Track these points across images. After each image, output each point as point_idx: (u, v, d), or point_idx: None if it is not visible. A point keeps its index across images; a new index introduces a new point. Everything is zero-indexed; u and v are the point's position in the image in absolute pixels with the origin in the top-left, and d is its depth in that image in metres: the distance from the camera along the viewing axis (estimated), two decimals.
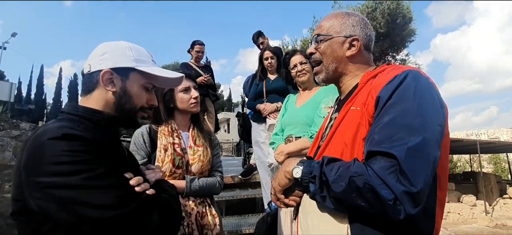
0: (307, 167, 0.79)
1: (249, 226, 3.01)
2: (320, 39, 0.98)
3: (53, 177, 0.66)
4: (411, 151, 0.66)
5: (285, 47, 15.34)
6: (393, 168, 0.66)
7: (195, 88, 1.50)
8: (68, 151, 0.68)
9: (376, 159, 0.69)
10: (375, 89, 0.79)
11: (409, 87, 0.74)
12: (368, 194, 0.66)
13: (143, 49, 0.92)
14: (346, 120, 0.84)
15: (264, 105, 2.97)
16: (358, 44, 0.94)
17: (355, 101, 0.84)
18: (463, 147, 12.94)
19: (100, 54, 0.85)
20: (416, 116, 0.70)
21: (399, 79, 0.76)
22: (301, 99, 2.05)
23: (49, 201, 0.66)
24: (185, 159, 1.40)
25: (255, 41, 3.80)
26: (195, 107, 1.49)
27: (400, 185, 0.64)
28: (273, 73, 3.12)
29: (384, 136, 0.70)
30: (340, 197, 0.70)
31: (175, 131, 1.44)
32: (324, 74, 0.99)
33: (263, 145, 3.09)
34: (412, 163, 0.66)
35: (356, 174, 0.68)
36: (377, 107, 0.76)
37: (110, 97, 0.84)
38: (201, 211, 1.38)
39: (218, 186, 1.48)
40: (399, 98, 0.73)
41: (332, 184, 0.70)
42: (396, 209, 0.64)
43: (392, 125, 0.70)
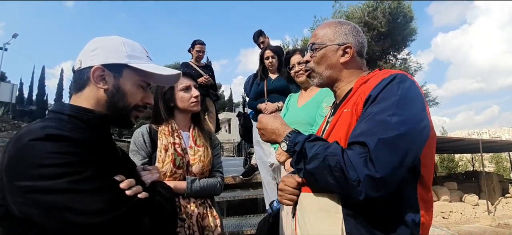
0: (292, 141, 0.88)
1: (251, 227, 2.99)
2: (315, 47, 1.04)
3: (36, 181, 0.62)
4: (381, 142, 0.74)
5: (286, 47, 15.32)
6: (363, 154, 0.74)
7: (195, 87, 1.49)
8: (52, 152, 0.64)
9: (353, 147, 0.77)
10: (365, 91, 0.86)
11: (393, 88, 0.82)
12: (338, 173, 0.75)
13: (137, 44, 0.88)
14: (339, 122, 0.90)
15: (265, 104, 2.96)
16: (351, 51, 1.01)
17: (348, 104, 0.91)
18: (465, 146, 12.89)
19: (91, 50, 0.81)
20: (394, 114, 0.77)
21: (386, 81, 0.84)
22: (303, 99, 2.04)
23: (32, 207, 0.63)
24: (185, 159, 1.39)
25: (255, 40, 3.78)
26: (196, 106, 1.47)
27: (366, 169, 0.72)
28: (274, 73, 3.11)
29: (363, 130, 0.78)
30: (314, 172, 0.79)
31: (176, 131, 1.42)
32: (317, 79, 1.05)
33: (264, 145, 3.08)
34: (380, 152, 0.73)
35: (331, 154, 0.77)
36: (365, 106, 0.83)
37: (101, 95, 0.81)
38: (202, 213, 1.36)
39: (218, 186, 1.46)
40: (382, 97, 0.81)
41: (309, 159, 0.80)
42: (358, 190, 0.73)
43: (371, 120, 0.78)
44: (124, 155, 0.93)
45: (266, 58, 3.08)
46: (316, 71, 1.04)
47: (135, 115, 0.87)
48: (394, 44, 14.20)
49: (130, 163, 0.95)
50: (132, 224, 0.70)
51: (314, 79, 1.06)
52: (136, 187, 0.78)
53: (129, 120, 0.87)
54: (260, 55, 3.21)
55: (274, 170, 2.50)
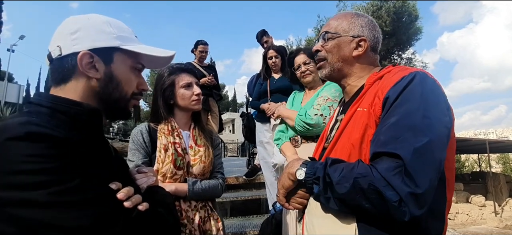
0: (310, 168, 0.79)
1: (254, 228, 2.97)
2: (327, 37, 0.98)
3: (11, 191, 0.50)
4: (417, 152, 0.67)
5: (290, 47, 15.28)
6: (398, 169, 0.66)
7: (197, 85, 1.43)
8: (33, 155, 0.52)
9: (381, 160, 0.69)
10: (381, 90, 0.79)
11: (416, 89, 0.75)
12: (373, 195, 0.67)
13: (122, 23, 0.76)
14: (353, 121, 0.84)
15: (268, 104, 2.94)
16: (365, 44, 0.95)
17: (362, 102, 0.85)
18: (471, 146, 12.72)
19: (71, 33, 0.68)
20: (422, 117, 0.70)
21: (406, 80, 0.77)
22: (307, 97, 2.03)
23: (6, 223, 0.50)
24: (186, 160, 1.34)
25: (259, 40, 3.77)
26: (197, 104, 1.41)
27: (405, 186, 0.64)
28: (277, 72, 3.09)
29: (390, 137, 0.70)
30: (344, 198, 0.71)
31: (176, 130, 1.37)
32: (328, 69, 0.99)
33: (268, 145, 3.06)
34: (418, 164, 0.66)
35: (360, 175, 0.69)
36: (384, 108, 0.76)
37: (93, 85, 0.69)
38: (203, 216, 1.32)
39: (220, 188, 1.41)
40: (405, 99, 0.74)
41: (336, 185, 0.71)
42: (401, 211, 0.65)
43: (397, 126, 0.71)
44: (118, 156, 0.82)
45: (269, 58, 3.06)
46: (328, 61, 0.98)
47: (133, 104, 0.78)
48: (398, 43, 14.09)
49: (125, 165, 0.85)
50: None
51: (324, 69, 1.00)
52: (135, 197, 0.66)
53: (128, 111, 0.77)
54: (264, 55, 3.20)
55: (277, 170, 2.48)
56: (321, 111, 1.74)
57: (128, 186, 0.67)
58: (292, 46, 15.70)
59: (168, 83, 1.38)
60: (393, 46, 14.00)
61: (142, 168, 0.89)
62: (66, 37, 0.68)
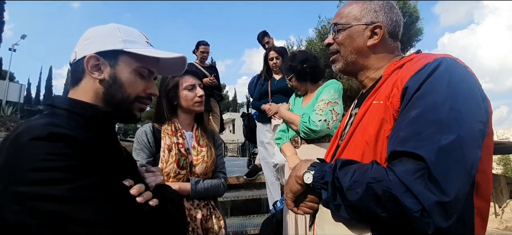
0: (318, 171, 0.70)
1: (254, 227, 3.00)
2: (337, 28, 0.89)
3: (36, 187, 0.54)
4: (443, 152, 0.56)
5: (290, 47, 15.28)
6: (420, 172, 0.56)
7: (200, 87, 1.46)
8: (54, 154, 0.56)
9: (400, 161, 0.59)
10: (401, 79, 0.69)
11: (442, 77, 0.64)
12: (389, 203, 0.57)
13: (134, 29, 0.80)
14: (368, 116, 0.74)
15: (269, 105, 2.96)
16: (381, 31, 0.84)
17: (378, 94, 0.75)
18: None
19: (85, 39, 0.74)
20: (450, 110, 0.59)
21: (430, 67, 0.66)
22: (307, 99, 2.04)
23: (30, 216, 0.54)
24: (188, 160, 1.37)
25: (260, 41, 3.80)
26: (200, 106, 1.45)
27: (430, 193, 0.54)
28: (278, 73, 3.11)
29: (410, 133, 0.60)
30: (356, 205, 0.61)
31: (179, 131, 1.40)
32: (341, 63, 0.90)
33: (268, 145, 3.08)
34: (444, 166, 0.55)
35: (374, 180, 0.59)
36: (404, 100, 0.66)
37: (98, 86, 0.73)
38: (205, 214, 1.35)
39: (222, 187, 1.44)
40: (429, 89, 0.63)
41: (347, 191, 0.62)
42: (424, 222, 0.54)
43: (419, 120, 0.60)
44: (128, 155, 0.86)
45: (270, 59, 3.08)
46: (341, 54, 0.89)
47: (138, 107, 0.79)
48: None
49: (134, 165, 0.88)
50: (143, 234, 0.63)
51: (337, 63, 0.91)
52: (147, 193, 0.70)
53: (132, 113, 0.78)
54: (265, 56, 3.22)
55: (277, 170, 2.51)
56: (324, 117, 1.73)
57: (139, 184, 0.70)
58: (292, 46, 15.70)
59: (172, 85, 1.41)
60: None
61: (150, 167, 0.92)
62: (81, 43, 0.74)
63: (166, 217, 0.71)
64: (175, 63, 0.83)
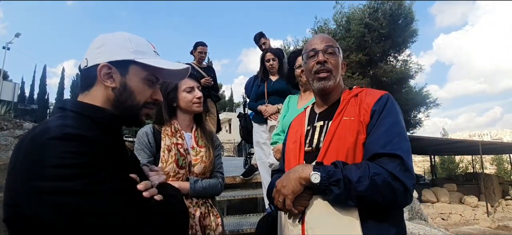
0: (324, 172, 0.88)
1: (250, 226, 3.03)
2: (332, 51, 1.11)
3: (53, 182, 0.59)
4: (407, 152, 0.89)
5: (287, 48, 15.33)
6: (401, 166, 0.85)
7: (199, 89, 1.51)
8: (71, 152, 0.62)
9: (384, 159, 0.87)
10: (367, 104, 1.00)
11: (393, 105, 0.99)
12: (386, 189, 0.84)
13: (143, 39, 0.85)
14: (342, 128, 0.98)
15: (265, 106, 3.00)
16: (345, 67, 1.20)
17: (345, 113, 1.02)
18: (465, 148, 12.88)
19: (97, 47, 0.79)
20: (401, 127, 0.95)
21: (385, 98, 1.01)
22: (303, 101, 2.07)
23: (48, 208, 0.59)
24: (187, 159, 1.41)
25: (256, 42, 3.83)
26: (198, 107, 1.49)
27: (409, 180, 0.85)
28: (275, 75, 3.15)
29: (386, 141, 0.90)
30: (363, 194, 0.84)
31: (178, 131, 1.44)
32: (332, 82, 1.10)
33: (264, 146, 3.12)
34: (409, 161, 0.87)
35: (375, 174, 0.84)
36: (372, 117, 0.97)
37: (109, 93, 0.78)
38: (203, 212, 1.39)
39: (220, 187, 1.49)
40: (388, 112, 0.96)
41: (356, 184, 0.84)
42: (407, 198, 0.87)
43: (389, 133, 0.92)
44: (132, 155, 0.92)
45: (267, 61, 3.12)
46: (333, 74, 1.10)
47: (145, 113, 0.85)
48: (394, 45, 14.21)
49: (138, 163, 0.93)
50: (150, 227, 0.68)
51: (329, 81, 1.10)
52: (152, 189, 0.76)
53: (139, 119, 0.84)
54: (261, 57, 3.26)
55: None
56: None
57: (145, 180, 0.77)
58: (289, 46, 15.76)
59: (171, 87, 1.46)
60: (389, 48, 14.11)
61: (154, 167, 0.98)
62: (93, 51, 0.79)
63: (170, 211, 0.77)
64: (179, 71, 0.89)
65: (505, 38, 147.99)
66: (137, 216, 0.66)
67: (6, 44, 19.19)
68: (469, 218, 10.04)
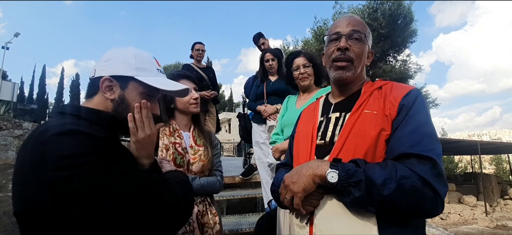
0: (343, 170, 0.76)
1: (250, 225, 3.05)
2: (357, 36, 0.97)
3: (64, 171, 0.65)
4: (440, 156, 0.78)
5: (286, 48, 15.35)
6: (433, 170, 0.74)
7: (195, 90, 1.53)
8: (77, 144, 0.68)
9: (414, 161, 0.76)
10: (394, 98, 0.89)
11: (422, 102, 0.88)
12: (414, 195, 0.72)
13: (149, 56, 0.91)
14: (362, 122, 0.87)
15: (265, 106, 3.01)
16: (371, 57, 1.04)
17: (367, 106, 0.91)
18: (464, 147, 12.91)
19: (105, 60, 0.86)
20: (432, 128, 0.84)
21: (415, 94, 0.89)
22: (301, 101, 2.07)
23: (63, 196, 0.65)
24: (186, 158, 1.43)
25: (255, 42, 3.84)
26: (195, 108, 1.52)
27: (443, 186, 0.75)
28: (274, 75, 3.16)
29: (414, 141, 0.79)
30: (387, 199, 0.72)
31: (176, 131, 1.47)
32: (351, 73, 0.98)
33: (263, 145, 3.13)
34: (442, 165, 0.77)
35: (402, 177, 0.73)
36: (400, 113, 0.85)
37: (108, 104, 0.85)
38: (201, 210, 1.41)
39: (218, 185, 1.51)
40: (418, 109, 0.85)
41: (381, 187, 0.72)
42: (438, 206, 0.75)
43: (419, 132, 0.80)
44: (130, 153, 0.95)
45: (266, 61, 3.13)
46: (354, 65, 0.97)
47: None
48: (394, 45, 14.22)
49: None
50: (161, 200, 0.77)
51: (348, 72, 0.97)
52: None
53: None
54: (260, 57, 3.27)
55: (272, 169, 2.56)
56: None
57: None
58: (288, 46, 15.77)
59: None
60: (388, 48, 14.13)
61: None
62: (101, 63, 0.87)
63: (180, 180, 0.90)
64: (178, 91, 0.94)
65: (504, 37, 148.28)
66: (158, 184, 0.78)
67: (5, 44, 19.17)
68: (467, 218, 10.06)
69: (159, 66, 0.92)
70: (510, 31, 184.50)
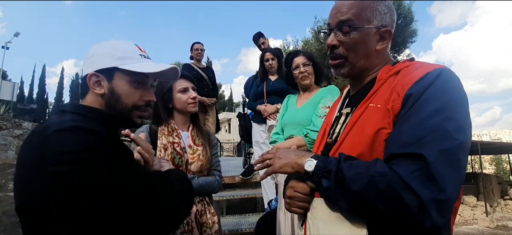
0: (322, 161, 0.72)
1: (249, 225, 3.04)
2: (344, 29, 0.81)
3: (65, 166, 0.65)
4: (442, 155, 0.59)
5: (286, 48, 15.35)
6: (420, 171, 0.59)
7: (193, 89, 1.53)
8: (78, 140, 0.68)
9: (401, 161, 0.62)
10: (402, 86, 0.70)
11: (442, 87, 0.67)
12: (390, 197, 0.60)
13: (131, 44, 0.89)
14: (365, 117, 0.75)
15: (265, 106, 3.01)
16: (390, 37, 0.82)
17: (375, 98, 0.76)
18: None
19: (89, 57, 0.85)
20: (448, 119, 0.63)
21: (431, 77, 0.68)
22: (302, 100, 2.07)
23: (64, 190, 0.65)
24: (184, 158, 1.43)
25: (255, 41, 3.84)
26: (193, 107, 1.51)
27: (427, 190, 0.58)
28: (274, 74, 3.16)
29: (412, 137, 0.62)
30: (357, 196, 0.63)
31: (175, 131, 1.47)
32: (347, 69, 0.84)
33: (263, 145, 3.13)
34: (443, 167, 0.59)
35: (377, 174, 0.62)
36: (405, 106, 0.68)
37: (100, 100, 0.84)
38: (200, 210, 1.41)
39: (217, 184, 1.51)
40: (430, 97, 0.65)
41: (349, 181, 0.64)
42: (422, 217, 0.58)
43: (421, 126, 0.63)
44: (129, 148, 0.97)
45: (266, 60, 3.13)
46: (349, 61, 0.83)
47: (137, 115, 0.89)
48: (394, 45, 14.23)
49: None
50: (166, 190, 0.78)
51: (342, 69, 0.85)
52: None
53: (132, 120, 0.88)
54: (260, 57, 3.27)
55: None
56: None
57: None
58: (289, 46, 15.78)
59: (167, 89, 1.49)
60: None
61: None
62: (86, 61, 0.86)
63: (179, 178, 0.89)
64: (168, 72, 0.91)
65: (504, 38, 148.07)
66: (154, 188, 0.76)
67: (5, 43, 19.18)
68: (468, 218, 10.06)
69: (142, 52, 0.89)
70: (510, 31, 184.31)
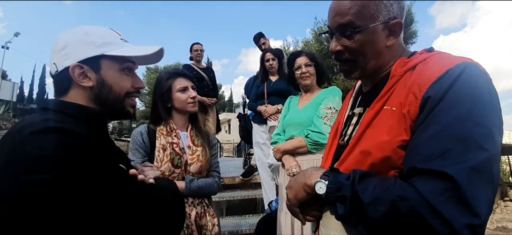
0: (333, 182, 0.65)
1: (250, 227, 3.03)
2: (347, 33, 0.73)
3: (39, 174, 0.58)
4: (474, 173, 0.52)
5: (287, 48, 15.35)
6: (449, 192, 0.51)
7: (193, 88, 1.50)
8: (54, 145, 0.61)
9: (424, 179, 0.55)
10: (419, 86, 0.62)
11: (467, 87, 0.58)
12: (415, 224, 0.53)
13: (106, 29, 0.82)
14: (379, 121, 0.68)
15: (265, 106, 3.00)
16: (400, 28, 0.74)
17: (390, 98, 0.68)
18: None
19: (61, 49, 0.75)
20: (476, 125, 0.55)
21: (452, 75, 0.59)
22: (303, 101, 2.06)
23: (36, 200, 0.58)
24: (183, 158, 1.41)
25: (256, 42, 3.83)
26: (193, 107, 1.49)
27: (461, 216, 0.51)
28: (274, 75, 3.15)
29: (435, 151, 0.55)
30: (378, 224, 0.57)
31: (174, 131, 1.44)
32: (358, 73, 0.78)
33: (264, 146, 3.12)
34: (475, 186, 0.52)
35: (398, 198, 0.55)
36: (424, 110, 0.59)
37: (89, 93, 0.76)
38: (199, 212, 1.39)
39: (216, 186, 1.49)
40: (452, 101, 0.57)
41: (368, 207, 0.57)
42: None
43: (444, 137, 0.55)
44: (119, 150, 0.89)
45: (266, 61, 3.12)
46: (358, 64, 0.76)
47: (130, 103, 0.83)
48: None
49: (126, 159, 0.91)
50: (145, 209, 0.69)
51: (353, 72, 0.78)
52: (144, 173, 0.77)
53: (126, 110, 0.83)
54: (261, 57, 3.26)
55: (273, 170, 2.54)
56: None
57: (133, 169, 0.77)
58: (289, 47, 15.78)
59: (166, 88, 1.46)
60: None
61: (147, 163, 0.98)
62: (58, 55, 0.76)
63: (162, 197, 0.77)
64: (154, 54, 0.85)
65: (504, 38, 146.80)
66: (125, 201, 0.66)
67: (5, 43, 19.17)
68: None
69: (120, 35, 0.83)
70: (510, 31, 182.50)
